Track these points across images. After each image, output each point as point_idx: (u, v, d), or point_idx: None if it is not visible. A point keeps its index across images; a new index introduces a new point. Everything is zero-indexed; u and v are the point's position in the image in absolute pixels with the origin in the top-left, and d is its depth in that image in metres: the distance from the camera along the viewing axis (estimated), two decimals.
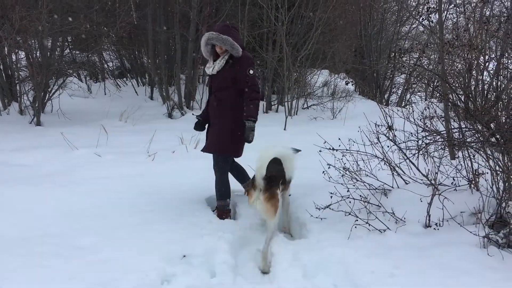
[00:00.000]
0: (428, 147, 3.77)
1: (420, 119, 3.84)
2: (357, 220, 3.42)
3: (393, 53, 9.41)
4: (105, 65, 12.76)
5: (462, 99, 4.01)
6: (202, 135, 5.28)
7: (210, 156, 4.09)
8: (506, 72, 6.43)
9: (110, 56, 13.05)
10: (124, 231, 3.49)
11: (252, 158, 3.54)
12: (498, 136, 3.55)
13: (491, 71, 6.99)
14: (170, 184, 4.68)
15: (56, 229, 3.48)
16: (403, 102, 11.88)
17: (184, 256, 3.22)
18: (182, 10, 9.58)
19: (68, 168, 5.17)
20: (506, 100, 5.71)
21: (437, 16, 6.08)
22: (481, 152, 3.71)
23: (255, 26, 10.11)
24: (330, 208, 3.67)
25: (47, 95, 8.40)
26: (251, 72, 3.83)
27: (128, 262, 3.02)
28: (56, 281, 2.71)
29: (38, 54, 7.99)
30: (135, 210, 3.94)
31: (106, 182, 4.64)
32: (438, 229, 3.31)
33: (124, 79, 12.46)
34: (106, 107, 9.08)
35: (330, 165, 3.99)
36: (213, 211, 4.15)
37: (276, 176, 3.56)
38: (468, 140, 3.77)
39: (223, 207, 4.07)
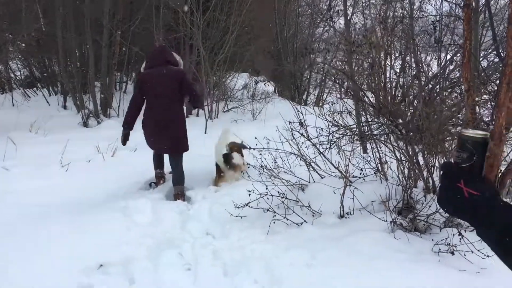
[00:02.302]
0: (338, 141, 3.95)
1: (329, 115, 4.02)
2: (275, 216, 3.51)
3: (307, 52, 9.73)
4: (12, 75, 11.96)
5: (369, 97, 4.25)
6: (119, 142, 5.15)
7: (129, 163, 4.06)
8: (410, 71, 6.93)
9: (18, 65, 12.26)
10: (35, 247, 3.28)
11: None
12: (401, 128, 3.81)
13: (397, 70, 7.48)
14: (86, 194, 4.50)
15: None
16: (320, 102, 12.34)
17: (101, 265, 3.10)
18: (94, 14, 9.24)
19: None
20: (411, 97, 6.14)
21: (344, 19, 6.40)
22: (388, 144, 3.96)
23: (171, 30, 10.01)
24: (249, 206, 3.72)
25: None
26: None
27: (41, 278, 2.85)
28: None
29: None
30: (47, 223, 3.72)
31: (14, 196, 4.35)
32: (349, 217, 3.48)
33: (34, 88, 11.75)
34: (13, 118, 8.52)
35: (249, 164, 4.06)
36: (150, 185, 4.97)
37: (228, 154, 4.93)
38: (375, 133, 4.01)
39: (182, 189, 4.64)
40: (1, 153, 5.73)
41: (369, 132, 4.08)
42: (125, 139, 4.84)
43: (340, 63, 7.08)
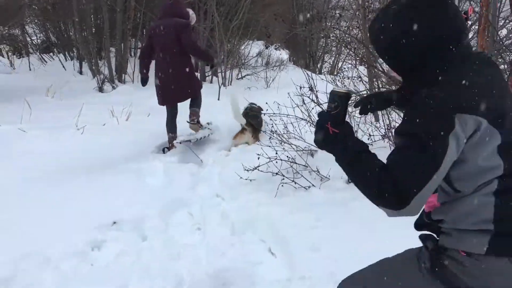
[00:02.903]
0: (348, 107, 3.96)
1: (339, 80, 4.02)
2: (283, 179, 3.57)
3: (320, 18, 9.60)
4: (29, 39, 12.05)
5: (381, 63, 4.22)
6: (134, 107, 5.24)
7: (143, 127, 4.14)
8: None
9: (34, 29, 12.34)
10: (52, 204, 3.42)
11: None
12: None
13: None
14: (100, 156, 4.61)
15: None
16: (335, 70, 12.23)
17: (115, 222, 3.23)
18: None
19: None
20: None
21: None
22: (397, 110, 3.96)
23: None
24: (258, 170, 3.79)
25: None
26: None
27: (56, 232, 2.99)
28: None
29: None
30: (63, 183, 3.86)
31: (32, 157, 4.47)
32: None
33: (51, 53, 11.85)
34: (31, 82, 8.65)
35: (260, 130, 4.11)
36: (163, 150, 5.13)
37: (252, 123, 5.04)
38: None
39: (196, 111, 5.09)
40: (18, 116, 5.85)
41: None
42: (143, 82, 5.15)
43: (355, 29, 6.99)
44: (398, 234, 2.78)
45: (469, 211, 1.29)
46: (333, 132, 1.30)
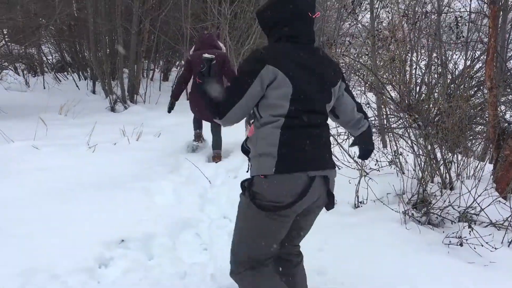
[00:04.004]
0: None
1: None
2: None
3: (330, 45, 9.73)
4: (44, 58, 12.32)
5: (389, 91, 4.29)
6: (144, 127, 5.33)
7: (153, 147, 4.25)
8: (436, 68, 6.89)
9: (50, 49, 12.63)
10: (62, 220, 3.47)
11: None
12: (419, 122, 3.85)
13: (422, 66, 7.43)
14: (110, 174, 4.66)
15: None
16: None
17: (123, 240, 3.27)
18: (125, 2, 9.45)
19: (3, 160, 5.02)
20: (435, 94, 6.11)
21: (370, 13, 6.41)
22: (405, 137, 4.01)
23: (199, 19, 10.15)
24: None
25: None
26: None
27: (65, 248, 3.03)
28: None
29: None
30: (73, 199, 3.91)
31: (44, 173, 4.55)
32: (361, 206, 3.55)
33: (65, 73, 12.09)
34: (45, 101, 8.80)
35: None
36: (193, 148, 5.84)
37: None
38: (393, 126, 4.06)
39: (219, 153, 5.56)
40: (32, 133, 5.97)
41: (387, 125, 4.12)
42: (171, 107, 5.58)
43: (364, 57, 7.10)
44: (408, 259, 2.81)
45: (264, 136, 1.92)
46: (199, 82, 2.07)
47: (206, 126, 5.74)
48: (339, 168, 4.26)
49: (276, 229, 2.02)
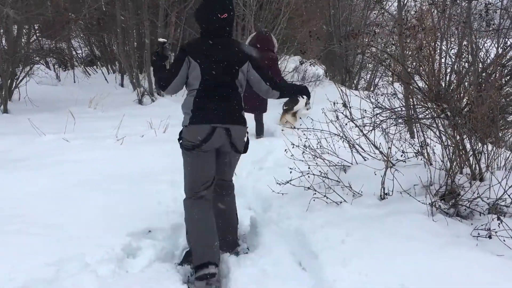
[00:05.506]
0: (381, 124, 3.96)
1: (372, 97, 4.03)
2: (315, 194, 3.60)
3: (356, 35, 9.56)
4: (74, 53, 12.59)
5: (416, 81, 4.20)
6: (171, 119, 5.38)
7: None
8: (467, 56, 6.69)
9: (79, 43, 12.89)
10: (91, 211, 3.57)
11: None
12: (448, 113, 3.76)
13: (453, 55, 7.24)
14: (138, 166, 4.76)
15: (25, 210, 3.53)
16: (372, 87, 12.13)
17: (150, 231, 3.34)
18: None
19: (36, 153, 5.18)
20: (466, 83, 5.95)
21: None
22: (433, 128, 3.92)
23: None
24: (291, 184, 3.84)
25: (14, 82, 8.30)
26: None
27: (95, 238, 3.12)
28: (23, 255, 2.79)
29: (3, 42, 7.87)
30: (102, 191, 4.01)
31: (74, 165, 4.68)
32: (387, 198, 3.52)
33: (94, 67, 12.34)
34: (75, 94, 9.03)
35: (293, 144, 4.15)
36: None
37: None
38: (421, 116, 3.98)
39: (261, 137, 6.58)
40: (62, 126, 6.14)
41: (414, 116, 4.05)
42: None
43: (391, 46, 6.98)
44: (434, 252, 2.76)
45: (186, 103, 2.97)
46: (153, 58, 3.02)
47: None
48: (365, 159, 4.22)
49: (200, 163, 2.95)
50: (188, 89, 2.98)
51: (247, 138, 3.17)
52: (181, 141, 2.96)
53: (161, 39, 2.96)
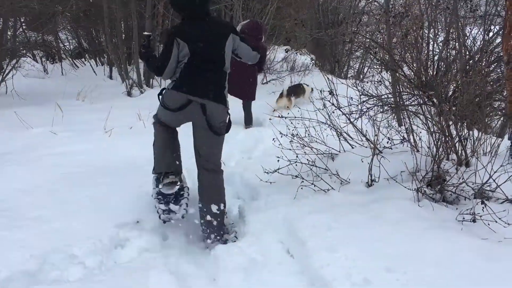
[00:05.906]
0: (368, 111, 3.97)
1: (358, 84, 4.04)
2: (303, 182, 3.61)
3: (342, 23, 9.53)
4: (61, 45, 12.46)
5: (402, 68, 4.22)
6: None
7: None
8: (453, 43, 6.72)
9: (67, 36, 12.76)
10: (78, 203, 3.55)
11: None
12: (433, 98, 3.78)
13: (440, 42, 7.27)
14: (126, 158, 4.73)
15: (10, 204, 3.49)
16: (361, 76, 12.15)
17: (138, 222, 3.33)
18: None
19: (23, 146, 5.14)
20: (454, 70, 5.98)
21: None
22: (419, 115, 3.95)
23: (212, 2, 10.08)
24: (278, 172, 3.85)
25: (1, 76, 8.21)
26: None
27: (82, 230, 3.11)
28: (7, 249, 2.78)
29: None
30: (89, 183, 3.99)
31: (62, 158, 4.65)
32: (374, 184, 3.54)
33: (82, 59, 12.22)
34: (62, 87, 8.94)
35: (281, 133, 4.16)
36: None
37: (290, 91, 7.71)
38: (407, 103, 4.00)
39: (250, 127, 6.59)
40: (50, 119, 6.09)
41: (401, 103, 4.07)
42: None
43: (377, 34, 6.98)
44: (420, 236, 2.79)
45: (178, 72, 3.15)
46: (142, 51, 3.28)
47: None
48: (353, 147, 4.24)
49: (170, 116, 3.30)
50: (179, 66, 3.16)
51: (229, 120, 3.31)
52: (161, 96, 3.27)
53: (146, 33, 3.25)
